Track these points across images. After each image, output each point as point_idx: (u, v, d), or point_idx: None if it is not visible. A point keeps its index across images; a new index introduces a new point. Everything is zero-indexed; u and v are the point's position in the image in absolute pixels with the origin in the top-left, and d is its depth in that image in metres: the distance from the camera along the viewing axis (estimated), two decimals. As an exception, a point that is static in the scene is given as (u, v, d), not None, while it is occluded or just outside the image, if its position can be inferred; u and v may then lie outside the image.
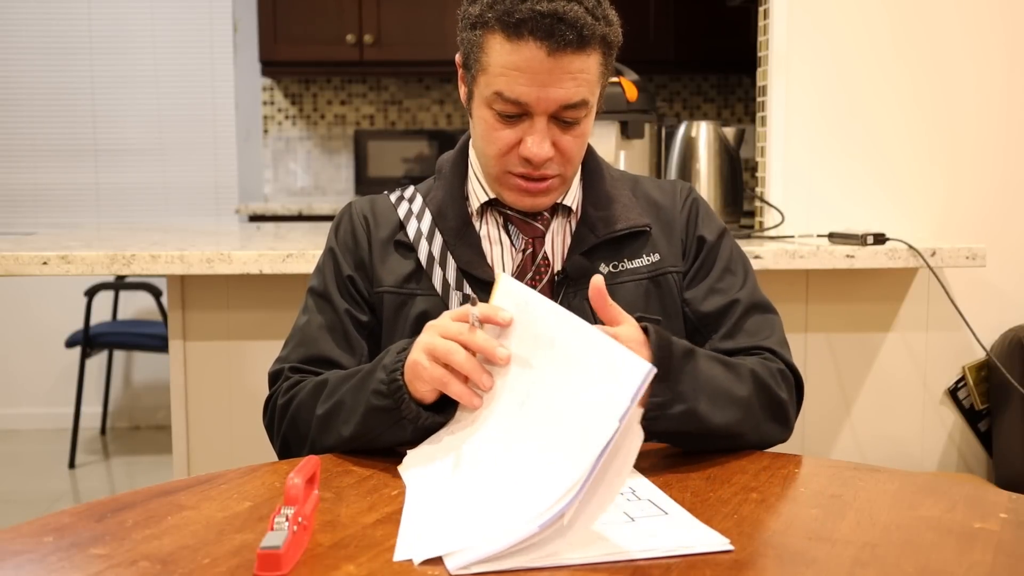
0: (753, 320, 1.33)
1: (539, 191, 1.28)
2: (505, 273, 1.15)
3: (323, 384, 1.25)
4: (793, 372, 1.31)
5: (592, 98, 1.24)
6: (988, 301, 2.31)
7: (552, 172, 1.27)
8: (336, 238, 1.39)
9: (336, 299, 1.35)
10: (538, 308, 1.07)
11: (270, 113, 4.68)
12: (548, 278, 1.32)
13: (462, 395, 1.08)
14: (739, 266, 1.38)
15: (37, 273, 1.94)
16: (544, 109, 1.21)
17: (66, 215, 4.58)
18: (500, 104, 1.22)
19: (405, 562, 0.87)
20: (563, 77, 1.19)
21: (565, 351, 1.02)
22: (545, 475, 0.94)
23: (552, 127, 1.23)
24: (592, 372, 0.97)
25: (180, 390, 2.23)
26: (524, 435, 1.02)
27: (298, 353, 1.34)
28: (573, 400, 0.98)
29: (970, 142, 2.32)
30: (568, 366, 1.01)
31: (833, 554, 0.90)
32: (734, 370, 1.20)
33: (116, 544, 0.91)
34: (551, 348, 1.04)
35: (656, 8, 4.32)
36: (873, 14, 2.30)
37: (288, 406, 1.28)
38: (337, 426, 1.20)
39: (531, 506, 0.90)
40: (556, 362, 1.02)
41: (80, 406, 4.07)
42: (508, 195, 1.30)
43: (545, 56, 1.18)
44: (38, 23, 4.53)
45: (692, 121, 2.44)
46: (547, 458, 0.96)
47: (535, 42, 1.17)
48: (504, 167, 1.27)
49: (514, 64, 1.19)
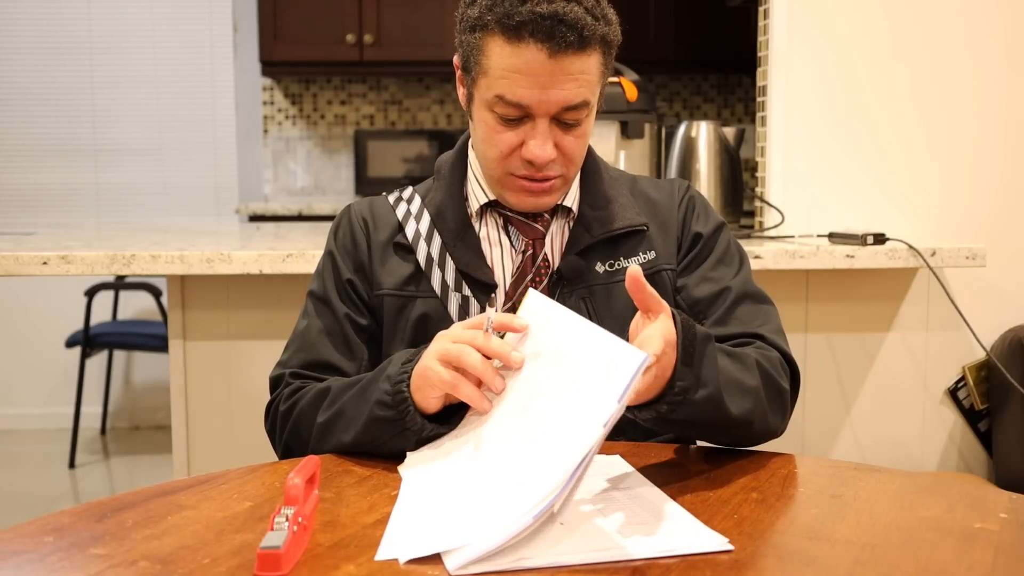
0: (745, 308, 1.33)
1: (542, 191, 1.28)
2: (533, 288, 1.15)
3: (325, 392, 1.24)
4: (790, 362, 1.30)
5: (593, 98, 1.24)
6: (988, 301, 2.31)
7: (555, 173, 1.27)
8: (335, 241, 1.39)
9: (336, 303, 1.34)
10: (560, 322, 1.07)
11: (270, 113, 4.68)
12: (548, 279, 1.32)
13: (472, 397, 1.08)
14: (734, 259, 1.38)
15: (37, 273, 1.94)
16: (546, 111, 1.21)
17: (66, 215, 4.58)
18: (502, 107, 1.22)
19: (405, 562, 0.87)
20: (564, 79, 1.19)
21: (572, 355, 1.02)
22: (536, 471, 0.94)
23: (553, 128, 1.23)
24: (591, 369, 0.97)
25: (180, 390, 2.23)
26: (522, 437, 1.02)
27: (298, 358, 1.34)
28: (570, 398, 0.98)
29: (970, 142, 2.32)
30: (573, 369, 1.01)
31: (833, 554, 0.90)
32: (741, 360, 1.19)
33: (116, 544, 0.91)
34: (561, 354, 1.04)
35: (656, 8, 4.32)
36: (873, 14, 2.30)
37: (290, 413, 1.28)
38: (337, 434, 1.20)
39: (523, 501, 0.90)
40: (562, 367, 1.03)
41: (80, 406, 4.07)
42: (511, 196, 1.30)
43: (546, 58, 1.17)
44: (37, 23, 4.53)
45: (692, 121, 2.44)
46: (539, 455, 0.97)
47: (536, 44, 1.17)
48: (506, 169, 1.27)
49: (515, 67, 1.19)
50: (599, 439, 0.91)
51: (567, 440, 0.94)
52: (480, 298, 1.30)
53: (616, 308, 1.31)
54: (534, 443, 1.00)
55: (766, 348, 1.28)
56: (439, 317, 1.30)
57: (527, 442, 1.01)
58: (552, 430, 0.98)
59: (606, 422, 0.90)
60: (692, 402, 1.07)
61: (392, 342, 1.33)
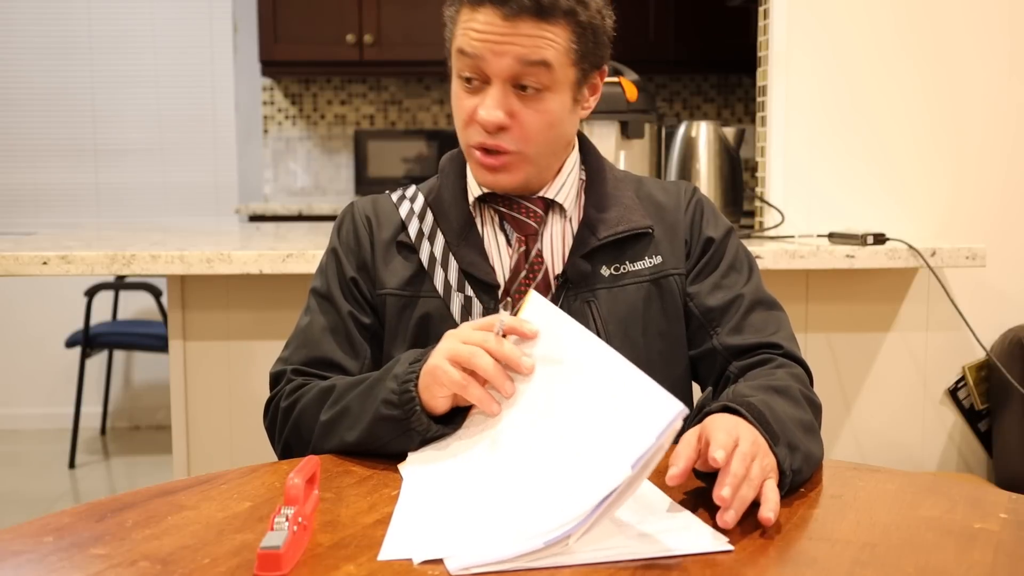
0: (759, 316, 1.33)
1: (494, 166, 1.26)
2: (534, 291, 1.15)
3: (329, 390, 1.24)
4: (807, 370, 1.31)
5: (557, 68, 1.22)
6: (988, 301, 2.31)
7: (508, 146, 1.25)
8: (339, 238, 1.38)
9: (339, 301, 1.34)
10: (565, 329, 1.07)
11: (270, 113, 4.68)
12: (542, 276, 1.31)
13: (482, 399, 1.08)
14: (744, 264, 1.38)
15: (37, 273, 1.94)
16: (499, 68, 1.21)
17: (66, 215, 4.57)
18: (461, 63, 1.24)
19: (405, 562, 0.87)
20: (520, 38, 1.20)
21: (592, 379, 1.02)
22: (557, 496, 0.94)
23: (511, 96, 1.23)
24: (621, 403, 0.97)
25: (180, 390, 2.23)
26: (542, 453, 1.02)
27: (300, 355, 1.33)
28: (595, 429, 0.98)
29: (970, 142, 2.32)
30: (594, 395, 1.00)
31: (833, 554, 0.90)
32: (788, 395, 1.18)
33: (116, 544, 0.91)
34: (577, 373, 1.03)
35: (656, 8, 4.32)
36: (872, 13, 2.30)
37: (291, 410, 1.28)
38: (341, 432, 1.20)
39: (539, 522, 0.90)
40: (581, 388, 1.02)
41: (80, 406, 4.07)
42: (475, 171, 1.31)
43: (501, 20, 1.19)
44: (38, 23, 4.53)
45: (692, 121, 2.44)
46: (561, 479, 0.96)
47: (492, 8, 1.20)
48: (467, 140, 1.27)
49: (472, 26, 1.21)
50: (628, 479, 0.89)
51: (593, 473, 0.93)
52: (483, 298, 1.30)
53: (620, 311, 1.30)
54: (556, 464, 0.99)
55: (791, 365, 1.28)
56: (441, 317, 1.30)
57: (549, 461, 1.00)
58: (578, 456, 0.98)
59: (635, 463, 0.88)
60: (798, 471, 1.07)
61: (394, 342, 1.33)
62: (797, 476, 1.07)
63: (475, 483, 1.04)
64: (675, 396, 0.93)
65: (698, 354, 1.35)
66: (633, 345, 1.30)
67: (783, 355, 1.30)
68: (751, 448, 1.01)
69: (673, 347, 1.34)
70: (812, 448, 1.13)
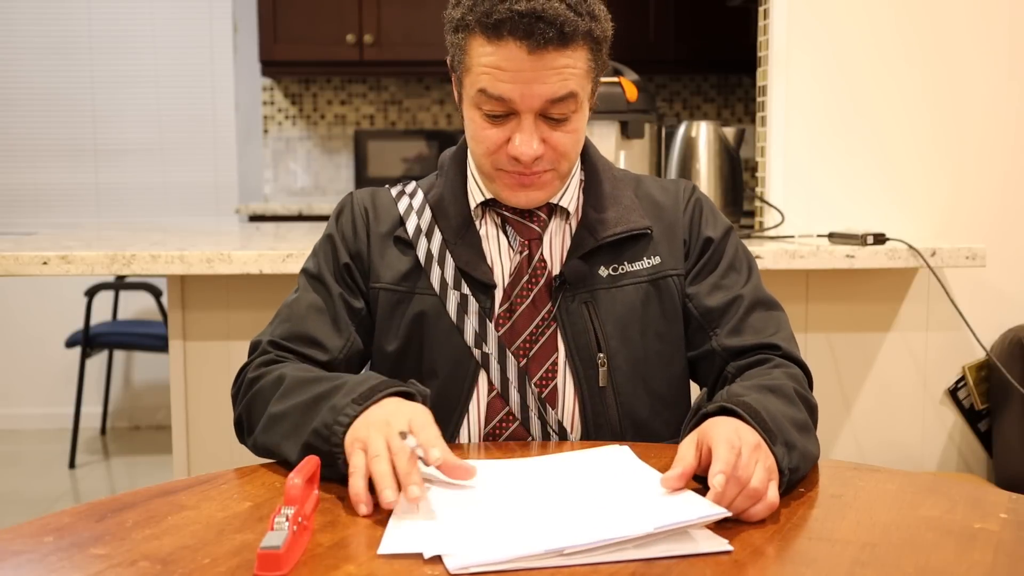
0: (758, 316, 1.33)
1: (531, 184, 1.26)
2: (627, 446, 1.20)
3: (281, 380, 1.22)
4: (805, 371, 1.31)
5: (581, 92, 1.22)
6: (988, 301, 2.31)
7: (544, 168, 1.25)
8: (336, 226, 1.38)
9: (330, 283, 1.34)
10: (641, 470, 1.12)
11: (270, 113, 4.68)
12: (545, 281, 1.31)
13: (356, 496, 1.00)
14: (743, 264, 1.37)
15: (37, 273, 1.94)
16: (529, 106, 1.20)
17: (66, 215, 4.57)
18: (485, 102, 1.22)
19: (405, 562, 0.87)
20: (547, 73, 1.18)
21: (637, 488, 1.05)
22: (566, 519, 0.96)
23: (541, 124, 1.22)
24: (663, 496, 1.01)
25: (180, 390, 2.23)
26: (557, 484, 1.07)
27: (282, 329, 1.32)
28: (631, 494, 1.02)
29: (969, 142, 2.32)
30: (636, 491, 1.04)
31: (833, 554, 0.90)
32: (783, 394, 1.18)
33: (116, 544, 0.91)
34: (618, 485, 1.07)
35: (656, 8, 4.32)
36: (872, 14, 2.30)
37: (252, 385, 1.26)
38: (278, 438, 1.18)
39: (542, 533, 0.91)
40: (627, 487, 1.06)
41: (80, 406, 4.07)
42: (503, 191, 1.29)
43: (526, 55, 1.17)
44: (38, 23, 4.53)
45: (692, 121, 2.44)
46: (576, 508, 0.99)
47: (515, 42, 1.17)
48: (495, 165, 1.26)
49: (495, 63, 1.19)
50: (642, 536, 0.89)
51: (611, 515, 0.95)
52: (479, 297, 1.29)
53: (618, 313, 1.30)
54: (573, 496, 1.02)
55: (788, 365, 1.28)
56: (436, 314, 1.29)
57: (562, 491, 1.04)
58: (601, 498, 1.02)
59: (659, 527, 0.90)
60: (795, 469, 1.08)
61: (386, 337, 1.32)
62: (795, 475, 1.07)
63: (479, 486, 1.05)
64: (673, 395, 0.94)
65: (697, 355, 1.35)
66: (631, 346, 1.30)
67: (781, 356, 1.29)
68: (752, 454, 1.01)
69: (671, 348, 1.34)
70: (808, 446, 1.13)
